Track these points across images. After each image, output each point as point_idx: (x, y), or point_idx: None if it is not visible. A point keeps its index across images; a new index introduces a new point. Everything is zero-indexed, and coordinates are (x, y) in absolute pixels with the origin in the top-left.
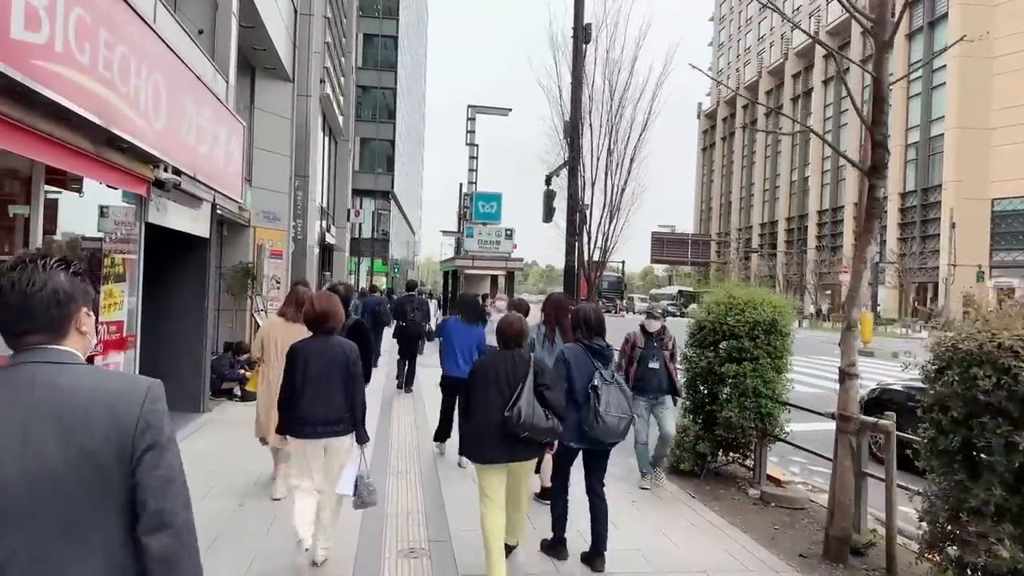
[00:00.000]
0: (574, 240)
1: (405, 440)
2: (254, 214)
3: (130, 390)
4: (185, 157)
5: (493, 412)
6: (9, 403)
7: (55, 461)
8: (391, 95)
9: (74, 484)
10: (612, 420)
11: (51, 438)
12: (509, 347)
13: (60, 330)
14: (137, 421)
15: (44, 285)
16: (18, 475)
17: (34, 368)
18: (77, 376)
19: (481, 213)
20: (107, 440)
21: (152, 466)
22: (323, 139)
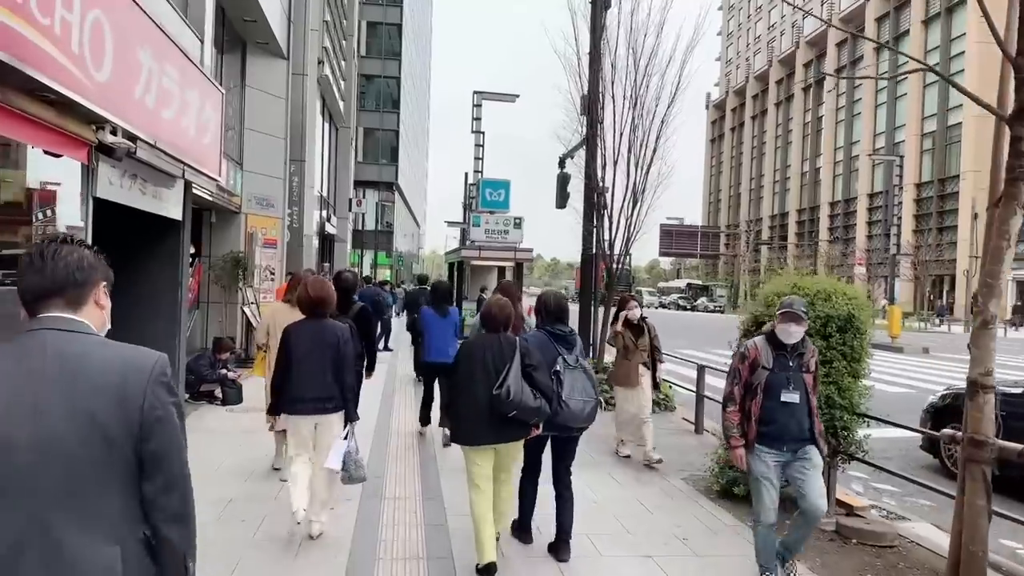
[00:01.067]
0: (592, 227)
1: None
2: (245, 200)
3: (139, 362)
4: (142, 120)
5: (480, 394)
6: (21, 369)
7: (63, 427)
8: (395, 84)
9: (80, 451)
10: (576, 404)
11: (60, 404)
12: (497, 331)
13: (79, 298)
14: (145, 392)
15: (69, 253)
16: (27, 439)
17: (47, 335)
18: (87, 345)
19: (488, 201)
20: (114, 409)
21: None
22: (322, 124)
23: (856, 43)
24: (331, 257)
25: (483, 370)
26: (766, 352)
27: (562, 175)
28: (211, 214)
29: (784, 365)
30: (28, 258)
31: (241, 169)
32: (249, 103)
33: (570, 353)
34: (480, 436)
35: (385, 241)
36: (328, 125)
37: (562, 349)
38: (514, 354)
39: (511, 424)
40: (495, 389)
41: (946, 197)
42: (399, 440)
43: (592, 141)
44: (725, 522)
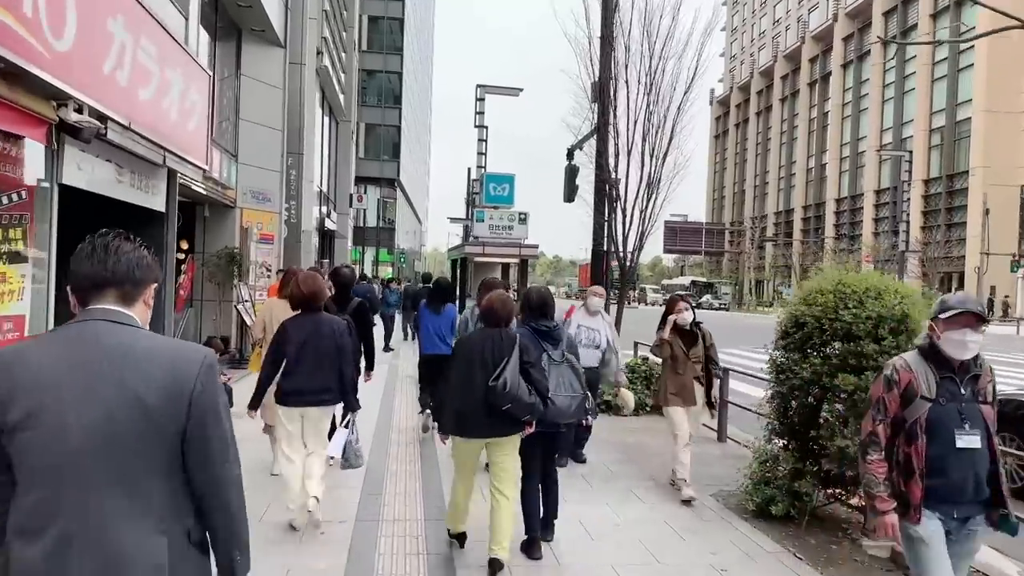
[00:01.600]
0: (603, 220)
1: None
2: (241, 193)
3: (189, 353)
4: (113, 99)
5: (476, 386)
6: (75, 355)
7: (114, 412)
8: (397, 79)
9: (129, 437)
10: (562, 400)
11: (111, 390)
12: (497, 325)
13: (133, 295)
14: (195, 383)
15: (132, 250)
16: (80, 423)
17: (99, 325)
18: (138, 337)
19: (492, 196)
20: (164, 397)
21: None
22: (322, 117)
23: (863, 37)
24: (331, 253)
25: (481, 363)
26: (925, 374)
27: (570, 167)
28: (204, 208)
29: (954, 394)
30: (90, 247)
31: (236, 161)
32: (245, 92)
33: (555, 349)
34: (472, 428)
35: (387, 238)
36: (328, 119)
37: (547, 345)
38: (513, 349)
39: (504, 419)
40: (491, 380)
41: (955, 193)
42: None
43: (604, 129)
44: (765, 548)
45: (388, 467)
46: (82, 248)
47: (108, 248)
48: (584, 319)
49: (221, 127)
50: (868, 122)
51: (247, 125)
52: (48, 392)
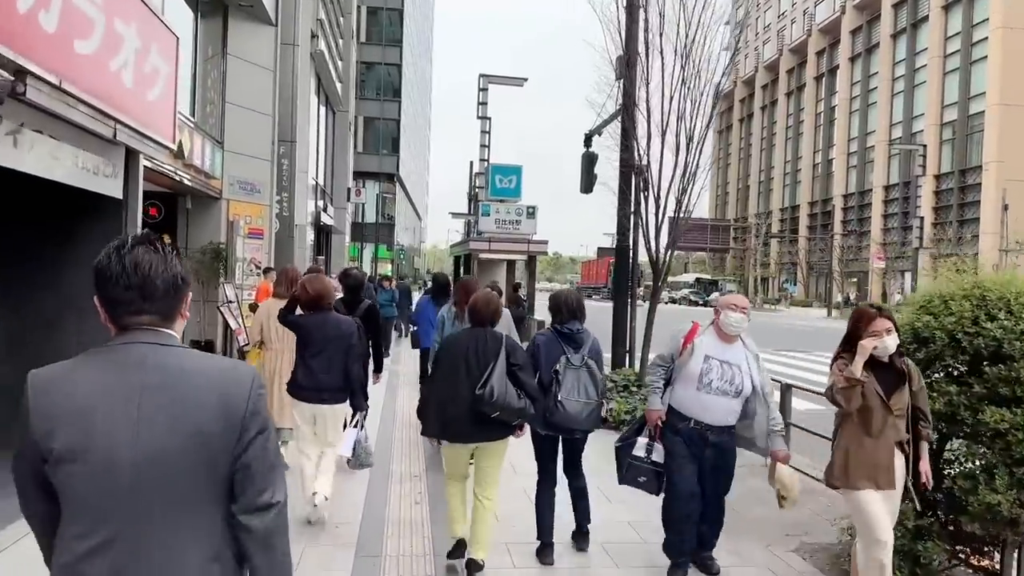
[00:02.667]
0: (628, 211)
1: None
2: (227, 184)
3: (238, 374)
4: (35, 47)
5: (461, 389)
6: (122, 382)
7: (166, 441)
8: (396, 72)
9: (183, 466)
10: (574, 405)
11: (163, 418)
12: (483, 325)
13: (172, 313)
14: (247, 404)
15: (166, 269)
16: (129, 455)
17: (145, 348)
18: (184, 358)
19: (498, 189)
20: (217, 422)
21: (261, 450)
22: (317, 106)
23: (871, 30)
24: (328, 250)
25: (466, 365)
26: None
27: (588, 155)
28: (186, 199)
29: None
30: (118, 268)
31: (222, 148)
32: (232, 73)
33: (576, 352)
34: (460, 433)
35: (386, 234)
36: (325, 109)
37: (568, 348)
38: (499, 351)
39: (493, 423)
40: (478, 389)
41: (967, 189)
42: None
43: (631, 108)
44: None
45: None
46: (106, 266)
47: (139, 269)
48: (715, 347)
49: (205, 111)
50: (877, 117)
51: (234, 109)
52: (95, 423)
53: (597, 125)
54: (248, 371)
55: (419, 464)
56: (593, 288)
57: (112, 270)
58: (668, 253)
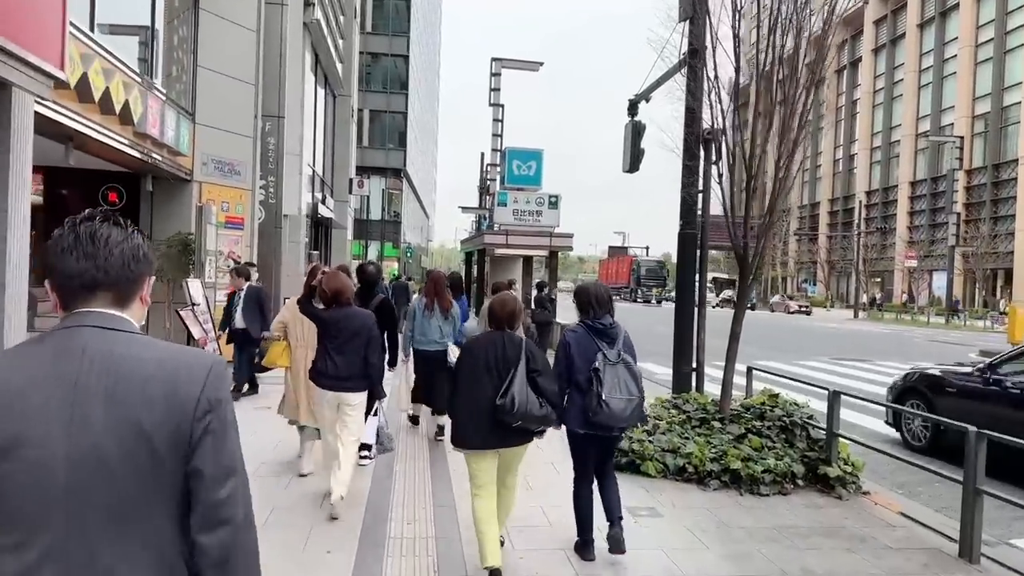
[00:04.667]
0: (696, 190)
1: None
2: (199, 163)
3: (193, 365)
4: None
5: (483, 396)
6: (56, 372)
7: (105, 441)
8: (403, 63)
9: (124, 468)
10: (618, 403)
11: (102, 414)
12: (501, 328)
13: (128, 294)
14: (198, 401)
15: (125, 239)
16: (64, 455)
17: (87, 333)
18: (134, 346)
19: (516, 176)
20: (163, 420)
21: (212, 452)
22: (315, 86)
23: (896, 20)
24: (327, 245)
25: (486, 371)
26: None
27: (634, 125)
28: (146, 180)
29: None
30: (71, 237)
31: (191, 120)
32: (205, 32)
33: (611, 348)
34: (481, 441)
35: (392, 231)
36: (324, 91)
37: (603, 344)
38: (519, 356)
39: (514, 430)
40: (499, 399)
41: (1001, 184)
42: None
43: (697, 58)
44: None
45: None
46: (60, 237)
47: (95, 238)
48: None
49: (171, 73)
50: (902, 110)
51: (208, 75)
52: (28, 418)
53: (648, 86)
54: (205, 361)
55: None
56: (614, 288)
57: (65, 241)
58: (761, 242)
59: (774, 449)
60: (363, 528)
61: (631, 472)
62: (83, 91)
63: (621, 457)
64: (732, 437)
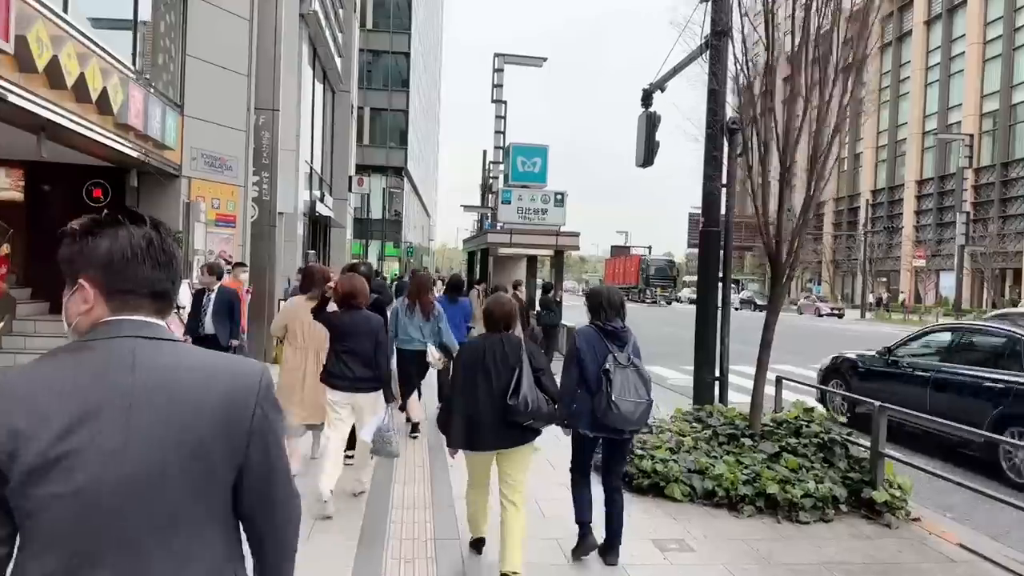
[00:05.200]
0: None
1: None
2: (189, 158)
3: (244, 375)
4: None
5: (483, 397)
6: (108, 384)
7: (160, 455)
8: (404, 61)
9: (179, 482)
10: (627, 406)
11: (156, 429)
12: (498, 330)
13: (170, 303)
14: (254, 410)
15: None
16: (116, 472)
17: (134, 344)
18: (181, 356)
19: (521, 173)
20: (220, 432)
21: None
22: (313, 80)
23: (903, 17)
24: (326, 244)
25: (485, 373)
26: None
27: (649, 117)
28: (131, 175)
29: None
30: (144, 244)
31: (179, 112)
32: (194, 19)
33: (621, 351)
34: (481, 441)
35: (393, 231)
36: (323, 86)
37: (613, 346)
38: (520, 357)
39: (515, 428)
40: (509, 399)
41: (1009, 183)
42: None
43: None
44: None
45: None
46: (125, 238)
47: (166, 248)
48: None
49: (156, 62)
50: (909, 108)
51: (198, 65)
52: (74, 434)
53: (660, 78)
54: (254, 368)
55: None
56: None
57: (134, 245)
58: (796, 241)
59: (813, 470)
60: (362, 529)
61: (655, 495)
62: (54, 76)
63: (643, 479)
64: (765, 456)
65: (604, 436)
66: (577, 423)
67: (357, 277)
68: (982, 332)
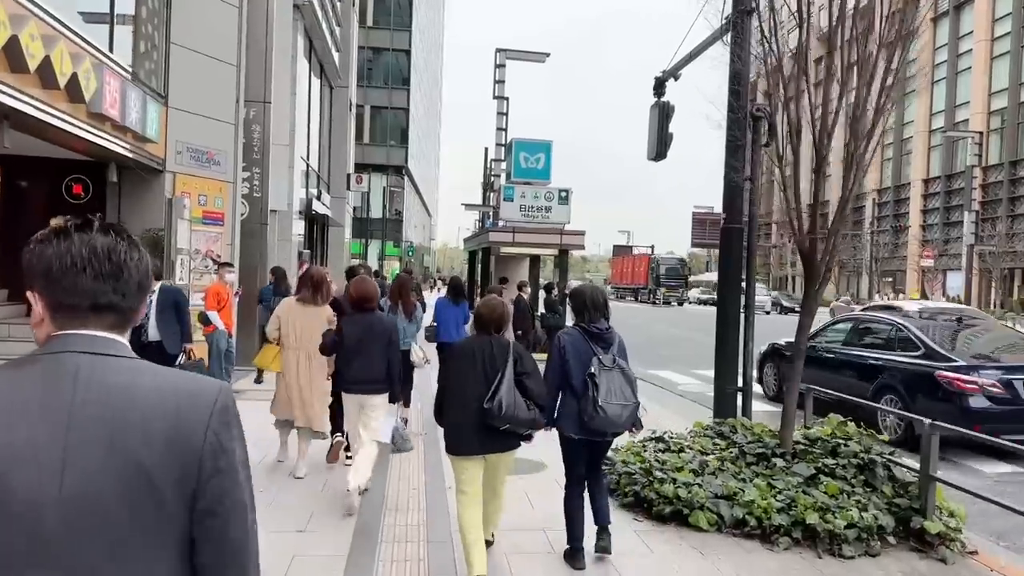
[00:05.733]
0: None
1: None
2: (174, 152)
3: (197, 394)
4: None
5: (470, 400)
6: (46, 404)
7: (102, 482)
8: (405, 58)
9: (123, 512)
10: (614, 409)
11: (97, 452)
12: (488, 332)
13: (132, 319)
14: (205, 435)
15: (140, 259)
16: (56, 497)
17: (78, 359)
18: (133, 374)
19: (523, 169)
20: (167, 458)
21: (221, 492)
22: (309, 73)
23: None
24: (324, 244)
25: (473, 376)
26: None
27: (661, 107)
28: (110, 169)
29: None
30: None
31: (162, 102)
32: (178, 5)
33: (606, 352)
34: (467, 446)
35: (394, 230)
36: (320, 81)
37: (597, 348)
38: (506, 360)
39: (502, 434)
40: (486, 402)
41: (1018, 181)
42: None
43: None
44: None
45: None
46: (65, 248)
47: (114, 256)
48: None
49: (138, 50)
50: (915, 106)
51: (183, 53)
52: (14, 453)
53: (673, 65)
54: (210, 389)
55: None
56: (630, 289)
57: (76, 253)
58: (833, 239)
59: (855, 495)
60: (355, 530)
61: (677, 524)
62: (14, 58)
63: (665, 506)
64: (801, 480)
65: (588, 438)
66: (563, 427)
67: (369, 281)
68: (871, 321)
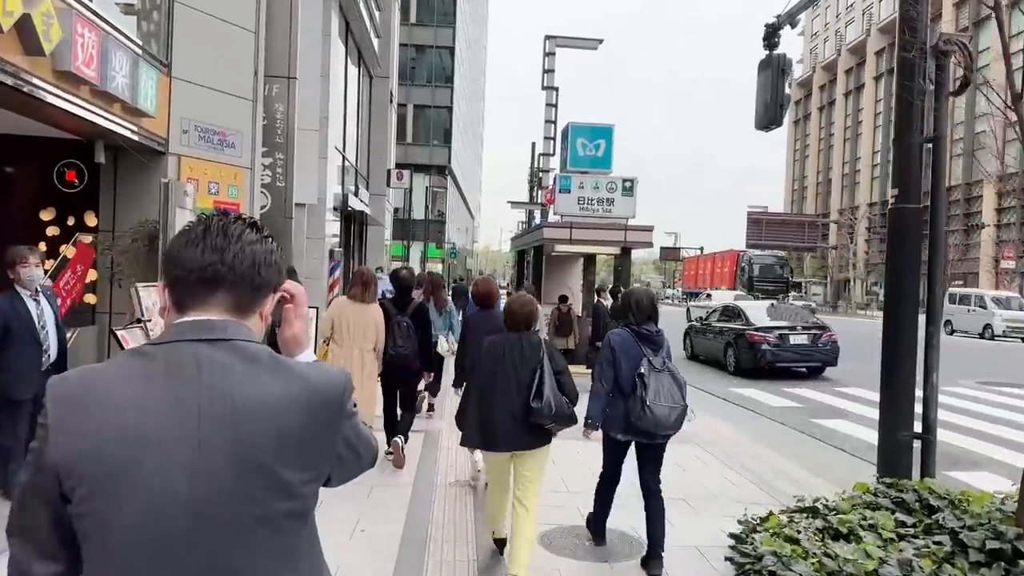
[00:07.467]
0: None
1: None
2: (179, 130)
3: (327, 386)
4: None
5: (501, 397)
6: (170, 396)
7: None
8: (448, 55)
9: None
10: (661, 410)
11: (224, 447)
12: (518, 329)
13: (250, 301)
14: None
15: (259, 240)
16: (185, 499)
17: (199, 349)
18: (258, 364)
19: (580, 157)
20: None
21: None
22: (344, 56)
23: None
24: (362, 243)
25: (504, 373)
26: None
27: (777, 61)
28: (97, 148)
29: None
30: (201, 229)
31: (167, 73)
32: None
33: (656, 355)
34: (498, 442)
35: (436, 231)
36: (359, 69)
37: (647, 350)
38: (540, 358)
39: (532, 431)
40: (533, 402)
41: None
42: None
43: None
44: None
45: None
46: (189, 229)
47: (228, 233)
48: None
49: (135, 7)
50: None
51: (190, 14)
52: (142, 449)
53: (793, 7)
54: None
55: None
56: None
57: (192, 232)
58: None
59: None
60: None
61: None
62: None
63: None
64: None
65: (636, 440)
66: (609, 427)
67: (492, 281)
68: (730, 307)
